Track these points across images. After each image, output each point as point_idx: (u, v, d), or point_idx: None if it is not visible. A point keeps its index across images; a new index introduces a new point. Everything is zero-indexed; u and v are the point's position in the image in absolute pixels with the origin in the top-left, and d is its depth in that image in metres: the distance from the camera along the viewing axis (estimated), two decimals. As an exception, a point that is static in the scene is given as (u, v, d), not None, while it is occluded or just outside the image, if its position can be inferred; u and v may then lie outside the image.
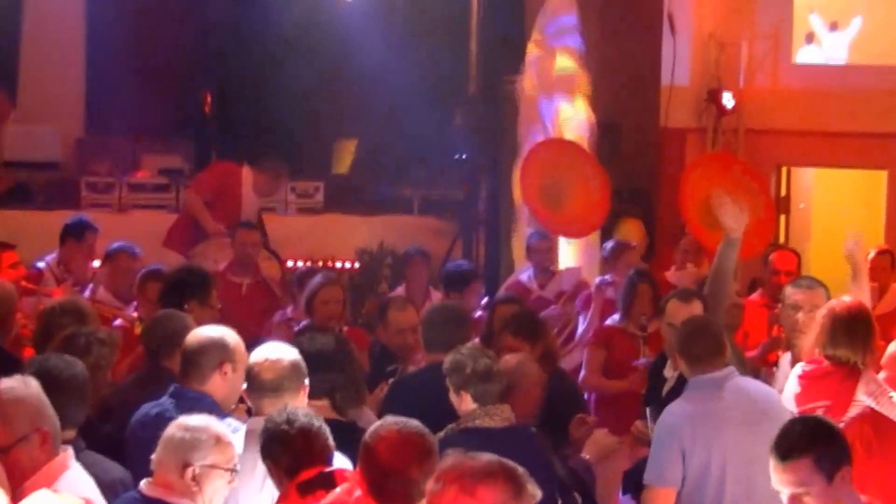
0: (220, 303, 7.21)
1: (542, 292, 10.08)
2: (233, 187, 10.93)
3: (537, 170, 10.86)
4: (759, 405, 5.98)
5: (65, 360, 5.08)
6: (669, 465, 5.83)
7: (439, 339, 6.47)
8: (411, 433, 4.37)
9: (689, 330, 6.11)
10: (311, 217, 12.99)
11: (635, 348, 8.14)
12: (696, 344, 6.01)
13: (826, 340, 6.09)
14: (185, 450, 4.51)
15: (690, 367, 6.01)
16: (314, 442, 4.67)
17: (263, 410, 5.13)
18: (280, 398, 5.13)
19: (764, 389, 6.18)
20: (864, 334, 6.09)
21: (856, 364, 6.04)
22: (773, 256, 9.33)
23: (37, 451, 4.33)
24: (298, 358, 5.29)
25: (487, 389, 5.76)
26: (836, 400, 6.00)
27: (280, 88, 13.80)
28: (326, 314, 8.02)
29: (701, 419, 5.88)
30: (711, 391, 5.93)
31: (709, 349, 6.00)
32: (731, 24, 13.01)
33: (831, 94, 12.63)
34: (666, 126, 12.93)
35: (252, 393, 5.25)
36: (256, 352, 5.33)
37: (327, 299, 8.07)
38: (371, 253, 12.33)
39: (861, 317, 6.12)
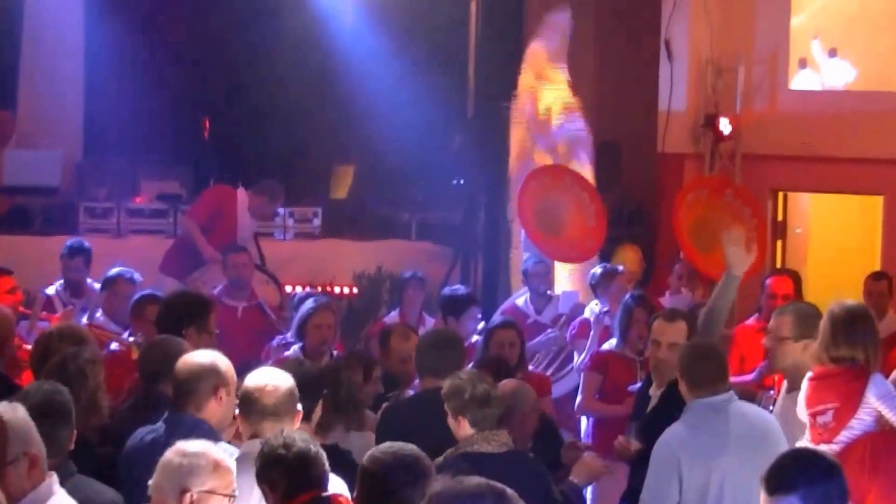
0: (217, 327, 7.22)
1: (539, 317, 10.12)
2: (228, 210, 10.98)
3: (534, 195, 10.90)
4: (759, 431, 5.99)
5: (52, 387, 5.09)
6: (666, 487, 5.85)
7: (432, 365, 6.50)
8: (406, 457, 4.40)
9: (693, 353, 6.12)
10: (309, 242, 13.00)
11: (632, 372, 8.18)
12: (699, 367, 6.02)
13: (828, 343, 6.12)
14: (183, 475, 4.50)
15: (692, 390, 6.01)
16: (310, 467, 4.70)
17: (263, 434, 5.15)
18: (280, 422, 5.17)
19: (763, 415, 6.20)
20: (863, 332, 6.10)
21: (863, 363, 6.05)
22: (769, 281, 9.35)
23: (25, 474, 4.37)
24: (294, 384, 5.33)
25: (486, 414, 5.79)
26: (843, 402, 6.01)
27: (278, 114, 13.83)
28: (319, 338, 8.05)
29: (699, 442, 5.89)
30: (711, 415, 5.95)
31: (712, 373, 6.01)
32: (728, 50, 13.05)
33: (828, 119, 12.66)
34: (663, 151, 12.95)
35: (251, 417, 5.26)
36: (255, 376, 5.34)
37: (320, 324, 8.11)
38: (369, 277, 12.35)
39: (859, 315, 6.14)
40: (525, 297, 10.33)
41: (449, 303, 9.22)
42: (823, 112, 12.76)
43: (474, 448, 5.76)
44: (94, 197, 12.93)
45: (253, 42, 13.68)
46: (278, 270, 11.83)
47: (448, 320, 9.09)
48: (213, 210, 10.98)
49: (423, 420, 6.18)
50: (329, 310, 8.27)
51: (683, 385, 6.06)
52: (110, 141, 13.56)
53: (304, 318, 8.14)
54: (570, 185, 11.14)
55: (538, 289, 10.24)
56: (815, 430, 6.06)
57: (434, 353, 6.56)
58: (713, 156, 12.96)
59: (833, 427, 6.00)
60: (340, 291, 12.12)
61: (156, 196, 13.05)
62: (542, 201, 10.96)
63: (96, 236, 12.03)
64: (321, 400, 5.75)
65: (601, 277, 9.83)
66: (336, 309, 8.61)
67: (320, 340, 8.04)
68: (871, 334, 6.16)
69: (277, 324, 9.67)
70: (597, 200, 11.10)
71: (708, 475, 5.85)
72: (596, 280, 9.88)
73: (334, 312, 8.37)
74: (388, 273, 12.19)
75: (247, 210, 11.02)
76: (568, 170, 11.44)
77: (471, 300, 9.25)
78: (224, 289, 9.86)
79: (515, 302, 10.44)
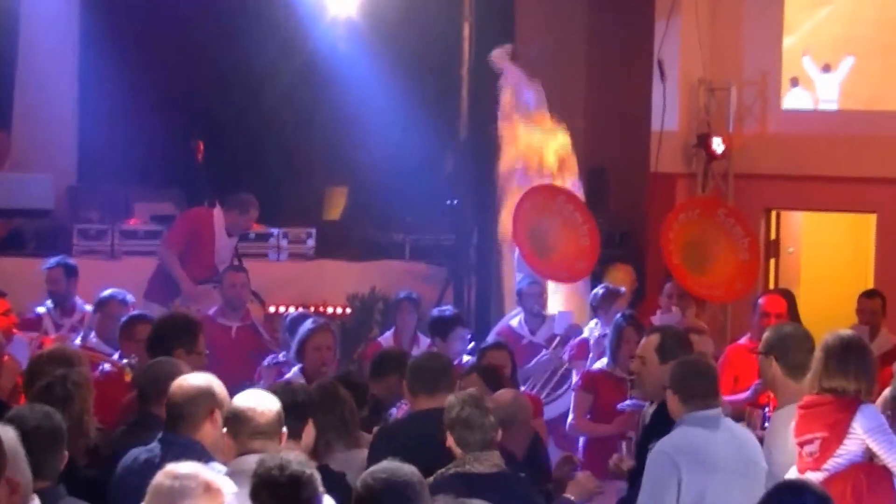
0: (210, 346, 7.24)
1: (533, 337, 10.13)
2: (205, 231, 11.01)
3: (527, 215, 10.93)
4: (747, 450, 6.01)
5: (43, 411, 5.09)
6: (666, 493, 5.86)
7: (423, 387, 6.50)
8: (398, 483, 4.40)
9: (686, 368, 6.13)
10: (302, 263, 13.01)
11: (622, 392, 8.19)
12: (692, 382, 6.03)
13: (821, 373, 6.08)
14: (174, 498, 4.47)
15: (684, 404, 6.02)
16: (303, 489, 4.69)
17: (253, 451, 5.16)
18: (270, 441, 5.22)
19: (747, 434, 6.21)
20: (856, 362, 6.04)
21: (855, 394, 6.02)
22: (761, 300, 9.38)
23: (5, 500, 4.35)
24: (280, 406, 5.36)
25: (466, 438, 5.81)
26: (830, 432, 5.98)
27: (272, 136, 13.85)
28: (318, 360, 8.06)
29: (698, 452, 5.91)
30: (704, 428, 5.96)
31: (705, 388, 6.03)
32: (720, 70, 13.09)
33: (820, 138, 12.71)
34: (656, 171, 12.99)
35: (240, 436, 5.26)
36: (245, 397, 5.35)
37: (319, 345, 8.11)
38: (362, 298, 12.36)
39: (853, 346, 6.09)
40: (519, 318, 10.34)
41: (436, 324, 9.25)
42: (815, 132, 12.81)
43: (466, 468, 5.77)
44: (87, 219, 12.93)
45: (247, 65, 13.70)
46: (272, 291, 11.85)
47: (435, 341, 9.12)
48: (188, 234, 10.99)
49: (417, 440, 6.20)
50: (328, 331, 8.28)
51: (675, 399, 6.07)
52: (104, 163, 13.56)
53: (304, 340, 8.15)
54: (562, 204, 11.17)
55: (532, 309, 10.26)
56: (801, 460, 6.05)
57: (425, 376, 6.56)
58: (705, 176, 13.00)
59: (818, 457, 5.99)
60: (333, 312, 12.13)
61: (149, 218, 13.06)
62: (535, 222, 10.99)
63: (90, 258, 12.04)
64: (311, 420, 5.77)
65: (602, 299, 9.86)
66: (335, 330, 8.61)
67: (320, 362, 8.05)
68: (865, 364, 6.09)
69: (271, 344, 9.69)
70: (589, 220, 11.14)
71: (704, 485, 5.86)
72: (597, 301, 9.92)
73: (334, 334, 8.38)
74: (382, 294, 12.20)
75: (223, 228, 11.03)
76: (561, 189, 11.48)
77: (457, 321, 9.26)
78: (219, 308, 9.89)
79: (510, 322, 10.46)
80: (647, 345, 6.86)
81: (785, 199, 13.21)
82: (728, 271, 11.05)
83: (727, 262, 11.06)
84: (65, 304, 9.98)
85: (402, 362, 7.44)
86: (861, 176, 12.46)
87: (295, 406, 5.61)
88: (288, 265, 12.95)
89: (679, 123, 13.01)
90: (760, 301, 9.37)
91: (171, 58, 13.82)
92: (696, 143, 12.95)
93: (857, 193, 12.62)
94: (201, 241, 10.94)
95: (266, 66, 13.67)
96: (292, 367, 8.59)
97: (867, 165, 12.39)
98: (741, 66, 13.13)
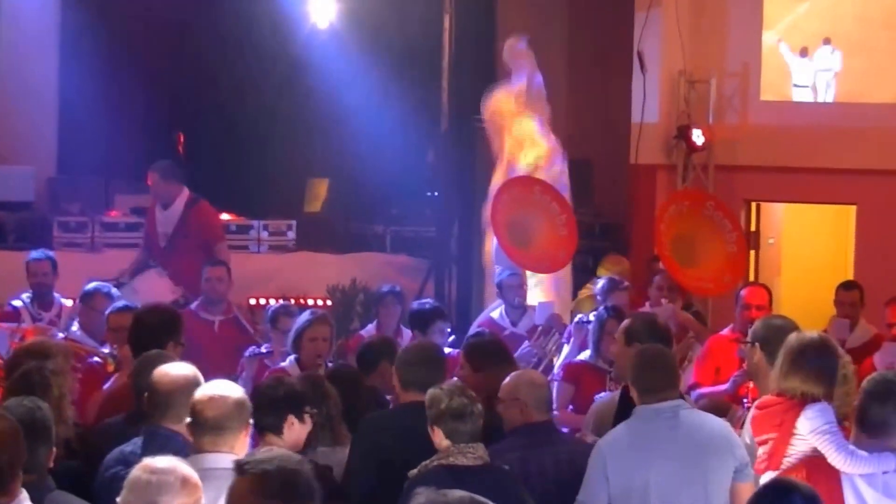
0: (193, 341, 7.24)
1: (515, 329, 10.14)
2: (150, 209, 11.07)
3: (505, 207, 10.94)
4: (705, 441, 5.99)
5: (32, 403, 5.07)
6: (595, 487, 5.91)
7: (415, 379, 6.45)
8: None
9: (643, 360, 6.14)
10: (283, 255, 13.00)
11: (604, 383, 8.20)
12: (648, 375, 6.05)
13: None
14: (152, 492, 4.42)
15: (641, 397, 6.04)
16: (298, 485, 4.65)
17: (204, 448, 5.10)
18: (221, 436, 5.10)
19: (714, 424, 6.15)
20: (816, 365, 5.94)
21: (802, 396, 5.93)
22: (744, 292, 9.39)
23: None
24: (244, 396, 5.24)
25: (458, 429, 5.78)
26: (779, 432, 5.96)
27: (252, 128, 13.83)
28: (314, 351, 8.05)
29: (630, 447, 5.93)
30: (655, 421, 5.97)
31: (660, 381, 6.03)
32: (700, 62, 13.11)
33: (800, 130, 12.74)
34: (636, 163, 13.00)
35: (195, 430, 5.16)
36: (201, 389, 5.26)
37: (315, 336, 8.11)
38: (343, 290, 12.34)
39: (812, 348, 5.99)
40: (500, 310, 10.36)
41: (416, 317, 9.24)
42: (795, 123, 12.84)
43: (450, 460, 5.76)
44: (67, 211, 12.91)
45: (227, 58, 13.68)
46: (252, 284, 11.84)
47: (415, 334, 9.11)
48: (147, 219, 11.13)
49: (403, 433, 6.20)
50: (326, 322, 8.27)
51: (633, 391, 6.10)
52: (84, 156, 13.53)
53: (300, 331, 8.14)
54: (539, 195, 11.18)
55: (512, 301, 10.27)
56: (758, 460, 6.05)
57: (417, 368, 6.54)
58: (686, 167, 13.02)
59: (771, 458, 5.96)
60: (314, 304, 12.11)
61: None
62: (513, 213, 11.00)
63: (70, 251, 12.02)
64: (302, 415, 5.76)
65: (605, 290, 9.93)
66: (332, 322, 8.59)
67: (315, 353, 8.03)
68: (822, 367, 5.97)
69: (253, 337, 9.68)
70: (567, 210, 11.15)
71: (632, 479, 5.87)
72: (601, 292, 9.97)
73: (330, 325, 8.36)
74: (363, 286, 12.19)
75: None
76: (537, 181, 11.47)
77: (438, 314, 9.24)
78: (200, 303, 9.87)
79: (491, 315, 10.47)
80: (619, 328, 7.00)
81: (765, 191, 13.24)
82: (717, 264, 11.07)
83: (716, 254, 11.08)
84: (46, 297, 9.94)
85: (389, 348, 7.48)
86: (841, 168, 12.50)
87: (275, 401, 5.57)
88: (268, 257, 12.94)
89: (659, 115, 13.02)
90: (742, 293, 9.38)
91: (151, 50, 13.81)
92: (676, 135, 12.96)
93: (837, 185, 12.66)
94: (149, 220, 11.01)
95: (247, 58, 13.65)
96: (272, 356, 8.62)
97: (847, 157, 12.44)
98: (721, 58, 13.15)
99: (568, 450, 6.33)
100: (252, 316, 10.75)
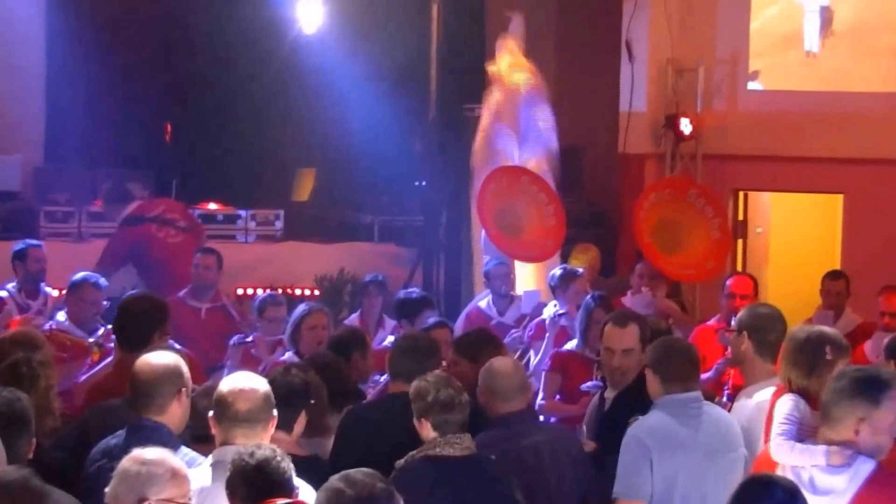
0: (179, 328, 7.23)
1: (502, 318, 10.15)
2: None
3: (493, 197, 10.93)
4: (723, 434, 6.00)
5: (11, 394, 5.05)
6: (640, 476, 5.83)
7: (405, 370, 6.43)
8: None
9: (668, 349, 6.11)
10: (270, 245, 12.97)
11: (590, 372, 8.19)
12: (674, 363, 6.01)
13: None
14: (141, 484, 4.44)
15: (664, 385, 5.98)
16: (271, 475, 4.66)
17: (235, 441, 5.11)
18: (253, 429, 5.13)
19: (726, 418, 6.17)
20: (793, 355, 5.83)
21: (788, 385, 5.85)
22: (729, 281, 9.43)
23: None
24: (269, 389, 5.27)
25: (447, 419, 5.76)
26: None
27: (240, 117, 13.79)
28: (314, 340, 8.04)
29: (670, 435, 5.89)
30: (682, 410, 5.94)
31: (686, 370, 6.01)
32: (688, 50, 13.11)
33: (788, 119, 12.74)
34: (624, 152, 13.00)
35: (223, 422, 5.18)
36: (229, 381, 5.27)
37: (314, 325, 8.13)
38: (331, 280, 12.34)
39: (796, 339, 5.89)
40: (488, 299, 10.36)
41: (403, 306, 9.23)
42: (783, 112, 12.84)
43: (437, 451, 5.75)
44: (54, 201, 12.87)
45: (214, 46, 13.63)
46: (240, 273, 11.82)
47: (403, 324, 9.10)
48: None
49: (389, 422, 6.19)
50: (323, 312, 8.31)
51: (655, 379, 6.03)
52: (71, 145, 13.48)
53: (297, 322, 8.15)
54: (527, 185, 11.17)
55: (500, 290, 10.27)
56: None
57: (408, 358, 6.52)
58: (674, 156, 13.03)
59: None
60: (302, 294, 12.11)
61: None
62: (500, 203, 10.99)
63: (57, 241, 11.97)
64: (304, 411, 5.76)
65: (560, 280, 9.85)
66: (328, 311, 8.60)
67: (315, 341, 8.02)
68: (797, 359, 5.80)
69: (241, 325, 9.68)
70: (554, 200, 11.14)
71: (676, 468, 5.84)
72: (555, 282, 9.90)
73: (327, 314, 8.39)
74: (350, 276, 12.18)
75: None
76: (524, 170, 11.46)
77: (425, 304, 9.23)
78: (189, 290, 9.88)
79: (478, 304, 10.47)
80: (628, 337, 6.81)
81: (753, 180, 13.25)
82: (699, 251, 11.08)
83: (698, 241, 11.09)
84: (37, 286, 9.90)
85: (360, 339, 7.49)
86: (828, 157, 12.51)
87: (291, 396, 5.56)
88: (256, 247, 12.91)
89: (647, 104, 13.02)
90: (728, 283, 9.41)
91: (139, 38, 13.77)
92: (664, 124, 12.97)
93: (825, 174, 12.67)
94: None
95: (234, 48, 13.60)
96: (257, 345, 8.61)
97: (835, 146, 12.45)
98: (709, 47, 13.15)
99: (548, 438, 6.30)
100: (240, 306, 10.73)
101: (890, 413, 4.94)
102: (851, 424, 4.94)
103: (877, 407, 4.92)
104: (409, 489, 5.66)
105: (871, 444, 4.94)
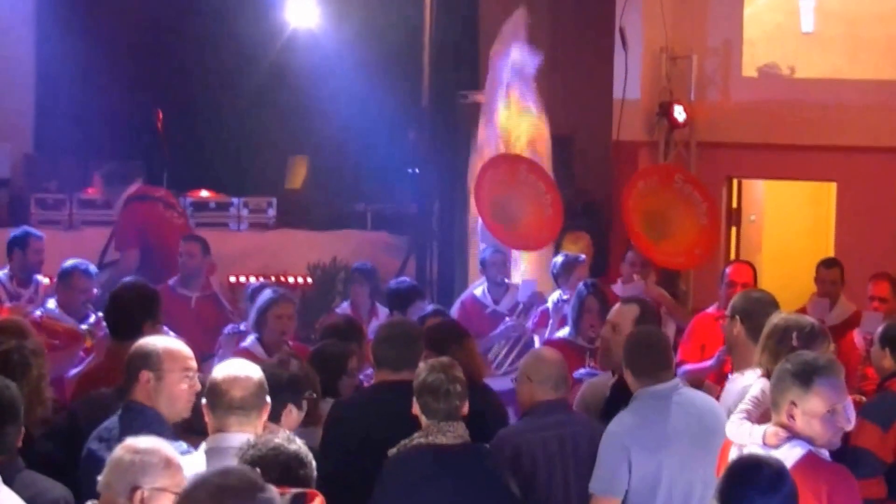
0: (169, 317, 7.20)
1: (497, 307, 10.13)
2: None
3: (490, 185, 10.89)
4: (706, 420, 5.98)
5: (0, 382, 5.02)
6: (615, 474, 5.84)
7: (389, 357, 6.39)
8: None
9: (636, 343, 6.12)
10: (263, 233, 12.94)
11: (582, 360, 8.17)
12: (643, 357, 6.02)
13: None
14: (134, 473, 4.41)
15: (637, 380, 6.02)
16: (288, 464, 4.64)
17: (230, 428, 5.10)
18: (247, 416, 5.12)
19: (709, 403, 6.16)
20: (764, 341, 5.89)
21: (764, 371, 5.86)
22: (728, 269, 9.41)
23: None
24: (263, 376, 5.26)
25: (428, 404, 5.73)
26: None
27: (232, 105, 13.74)
28: (279, 329, 8.00)
29: (647, 432, 5.89)
30: (657, 404, 5.95)
31: (655, 362, 6.02)
32: (682, 38, 13.07)
33: (781, 106, 12.71)
34: (618, 139, 12.96)
35: (217, 410, 5.16)
36: (223, 369, 5.26)
37: (280, 314, 8.05)
38: (323, 268, 12.31)
39: (769, 325, 5.94)
40: (483, 287, 10.34)
41: (394, 296, 9.19)
42: (777, 100, 12.82)
43: (430, 439, 5.72)
44: (45, 189, 12.82)
45: (207, 34, 13.59)
46: (232, 261, 11.79)
47: (394, 313, 9.06)
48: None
49: (376, 412, 6.16)
50: (289, 301, 8.23)
51: (628, 374, 6.08)
52: (62, 132, 13.42)
53: (263, 309, 8.08)
54: (525, 174, 11.14)
55: (495, 278, 10.26)
56: None
57: (392, 346, 6.47)
58: (668, 144, 13.00)
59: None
60: (294, 282, 12.08)
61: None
62: (497, 192, 10.96)
63: (48, 228, 11.91)
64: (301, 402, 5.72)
65: (562, 267, 9.85)
66: (295, 300, 8.56)
67: (280, 331, 7.99)
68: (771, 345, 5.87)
69: (232, 314, 9.64)
70: (552, 189, 11.11)
71: (658, 465, 5.84)
72: (557, 270, 9.91)
73: (294, 304, 8.33)
74: (343, 264, 12.15)
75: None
76: (522, 159, 11.44)
77: (416, 293, 9.20)
78: (178, 279, 9.83)
79: (473, 292, 10.45)
80: (624, 312, 6.87)
81: (746, 168, 13.23)
82: (688, 238, 11.05)
83: (686, 228, 11.06)
84: (31, 275, 9.85)
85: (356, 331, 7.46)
86: (821, 144, 12.49)
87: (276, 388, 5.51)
88: (249, 235, 12.88)
89: (641, 92, 12.98)
90: (727, 270, 9.39)
91: (130, 26, 13.71)
92: (658, 112, 12.94)
93: (818, 162, 12.65)
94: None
95: (227, 35, 13.55)
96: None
97: (828, 134, 12.42)
98: (703, 35, 13.11)
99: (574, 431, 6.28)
100: (232, 294, 10.69)
101: (820, 399, 5.01)
102: (785, 409, 5.04)
103: (807, 392, 5.00)
104: (401, 477, 5.66)
105: (805, 430, 5.02)
